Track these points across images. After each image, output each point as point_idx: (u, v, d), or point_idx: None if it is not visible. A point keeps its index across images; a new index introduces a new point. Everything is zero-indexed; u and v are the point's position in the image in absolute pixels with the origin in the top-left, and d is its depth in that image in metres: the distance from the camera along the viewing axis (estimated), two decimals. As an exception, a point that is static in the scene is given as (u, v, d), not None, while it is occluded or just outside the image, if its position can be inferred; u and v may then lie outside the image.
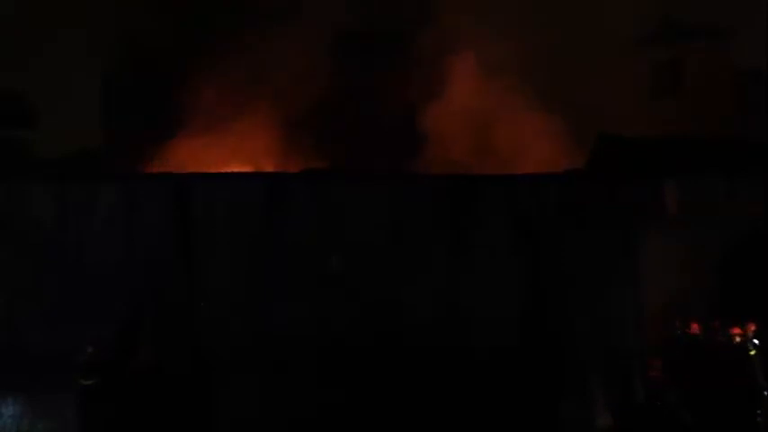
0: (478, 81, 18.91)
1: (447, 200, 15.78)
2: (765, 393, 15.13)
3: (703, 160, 18.12)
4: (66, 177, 15.56)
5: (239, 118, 18.12)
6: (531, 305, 15.77)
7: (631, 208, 16.35)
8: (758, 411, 15.11)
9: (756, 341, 15.54)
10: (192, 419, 14.47)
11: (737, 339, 15.54)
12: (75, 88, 18.23)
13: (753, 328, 15.72)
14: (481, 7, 18.82)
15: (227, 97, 17.89)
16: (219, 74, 17.81)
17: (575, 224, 16.02)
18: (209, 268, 15.06)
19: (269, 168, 17.16)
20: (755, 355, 15.43)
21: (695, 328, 16.07)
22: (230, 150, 18.05)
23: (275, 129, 18.34)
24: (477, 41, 18.78)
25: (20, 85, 18.05)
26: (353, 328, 15.06)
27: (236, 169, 17.06)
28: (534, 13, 18.67)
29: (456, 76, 18.98)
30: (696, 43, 21.27)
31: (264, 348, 14.86)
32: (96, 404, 14.12)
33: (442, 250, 15.58)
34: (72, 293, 14.78)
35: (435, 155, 18.50)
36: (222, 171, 16.56)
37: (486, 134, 18.73)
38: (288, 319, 15.05)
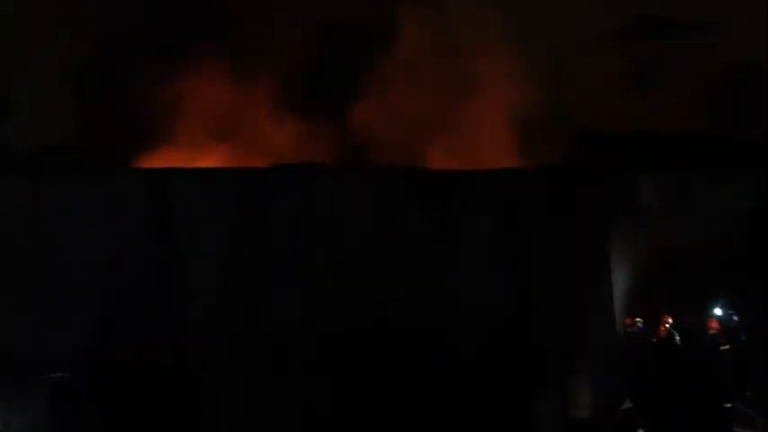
0: (453, 76, 18.94)
1: (430, 194, 15.80)
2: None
3: (680, 156, 18.34)
4: (44, 174, 15.32)
5: (219, 112, 17.98)
6: (513, 299, 15.86)
7: (609, 202, 16.51)
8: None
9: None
10: (174, 417, 14.33)
11: (663, 332, 15.87)
12: (51, 83, 17.99)
13: (668, 320, 16.07)
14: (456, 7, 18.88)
15: (207, 91, 17.73)
16: (199, 67, 17.63)
17: (555, 218, 16.15)
18: (190, 265, 14.93)
19: (250, 163, 17.02)
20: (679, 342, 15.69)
21: (665, 320, 16.35)
22: (211, 146, 17.90)
23: (257, 122, 18.23)
24: (450, 34, 18.83)
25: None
26: (339, 324, 15.00)
27: (216, 165, 16.92)
28: (510, 12, 18.74)
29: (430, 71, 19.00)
30: (673, 40, 21.47)
31: (250, 345, 14.74)
32: (71, 402, 13.93)
33: (426, 244, 15.59)
34: (49, 290, 14.57)
35: (409, 151, 18.51)
36: (203, 167, 16.41)
37: (460, 132, 18.76)
38: (272, 315, 14.95)
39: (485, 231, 15.92)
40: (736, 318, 16.62)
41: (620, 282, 16.60)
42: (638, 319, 16.65)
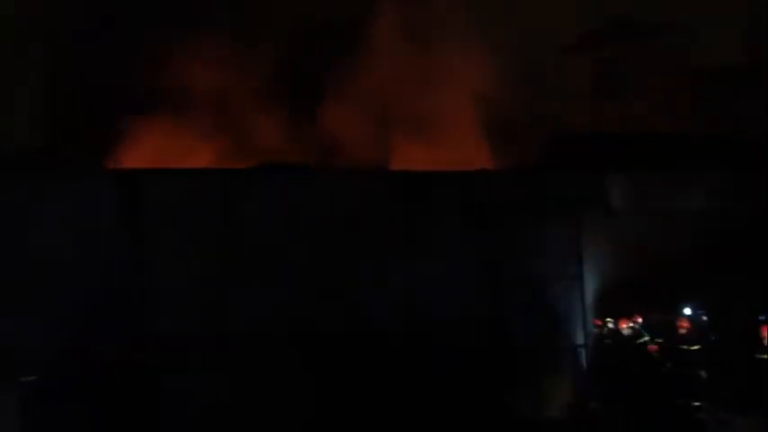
0: (422, 76, 18.99)
1: (401, 195, 15.85)
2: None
3: (650, 157, 18.49)
4: (13, 173, 15.24)
5: (192, 112, 17.94)
6: (484, 300, 15.93)
7: (578, 202, 16.62)
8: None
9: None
10: (144, 417, 14.31)
11: (626, 331, 16.01)
12: (20, 82, 17.88)
13: (637, 320, 16.19)
14: (424, 3, 18.91)
15: (179, 91, 17.69)
16: (170, 66, 17.60)
17: (525, 218, 16.23)
18: (163, 265, 14.88)
19: (223, 164, 17.01)
20: (643, 342, 15.78)
21: (635, 320, 16.48)
22: (183, 146, 17.86)
23: (229, 123, 18.21)
24: (420, 38, 18.88)
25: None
26: (311, 323, 15.01)
27: (189, 165, 16.89)
28: (481, 13, 18.82)
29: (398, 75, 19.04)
30: (644, 42, 21.62)
31: (222, 345, 14.74)
32: (42, 402, 13.87)
33: (398, 245, 15.64)
34: (20, 291, 14.48)
35: (381, 152, 18.57)
36: (176, 167, 16.38)
37: (432, 133, 18.83)
38: (244, 315, 14.95)
39: (456, 232, 16.00)
40: (705, 318, 16.79)
41: (590, 282, 16.71)
42: (608, 319, 16.79)
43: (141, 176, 15.18)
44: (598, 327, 16.71)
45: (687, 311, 16.73)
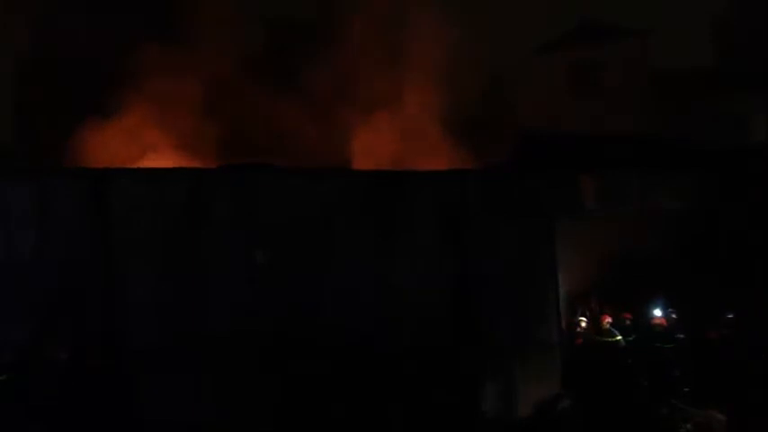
0: (395, 78, 18.92)
1: (373, 195, 15.75)
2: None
3: (619, 157, 18.53)
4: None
5: (158, 111, 17.74)
6: (456, 299, 15.86)
7: (550, 201, 16.61)
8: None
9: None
10: (109, 420, 14.10)
11: (605, 327, 16.07)
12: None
13: (608, 318, 16.24)
14: (397, 6, 18.86)
15: (146, 90, 17.50)
16: (138, 65, 17.40)
17: (497, 218, 16.19)
18: (128, 267, 14.67)
19: (190, 163, 16.81)
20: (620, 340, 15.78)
21: (605, 319, 16.52)
22: (149, 145, 17.66)
23: (197, 122, 18.02)
24: (393, 39, 18.81)
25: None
26: (280, 326, 14.87)
27: (155, 164, 16.69)
28: (454, 15, 18.78)
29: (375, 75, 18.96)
30: (614, 43, 21.72)
31: (189, 347, 14.55)
32: (6, 402, 13.63)
33: (369, 245, 15.53)
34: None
35: (360, 151, 18.47)
36: (142, 167, 16.17)
37: (410, 133, 18.76)
38: (212, 317, 14.77)
39: (429, 232, 15.90)
40: (675, 316, 16.84)
41: (562, 281, 16.69)
42: (580, 318, 16.79)
43: (106, 175, 14.97)
44: (571, 327, 16.72)
45: (657, 311, 16.80)
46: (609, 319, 16.46)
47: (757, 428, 15.03)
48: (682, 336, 16.47)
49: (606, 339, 16.14)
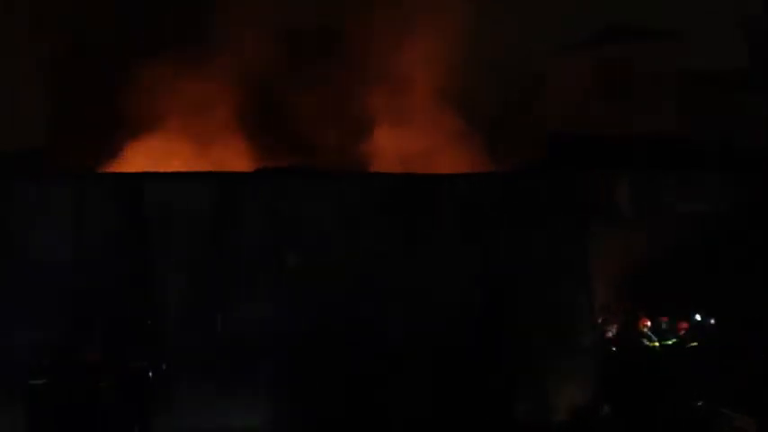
0: (425, 76, 18.93)
1: (399, 198, 15.79)
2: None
3: (651, 159, 18.45)
4: (14, 176, 15.21)
5: (191, 116, 17.91)
6: (484, 303, 15.83)
7: (582, 205, 16.54)
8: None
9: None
10: (145, 422, 14.25)
11: (643, 331, 15.93)
12: (21, 84, 17.85)
13: (646, 322, 16.10)
14: (425, 7, 18.87)
15: (180, 94, 17.66)
16: (171, 70, 17.55)
17: (525, 222, 16.15)
18: (162, 270, 14.84)
19: (223, 167, 16.98)
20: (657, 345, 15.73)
21: (643, 322, 16.38)
22: (183, 149, 17.83)
23: (229, 127, 18.18)
24: (422, 38, 18.82)
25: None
26: (310, 328, 14.94)
27: (188, 168, 16.84)
28: (481, 16, 18.78)
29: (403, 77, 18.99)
30: (643, 44, 21.65)
31: (222, 350, 14.68)
32: (45, 405, 13.81)
33: (396, 248, 15.55)
34: (20, 294, 14.40)
35: (386, 154, 18.53)
36: (175, 171, 16.32)
37: (435, 133, 18.78)
38: (244, 320, 14.87)
39: (458, 234, 15.87)
40: (712, 321, 16.68)
41: (595, 284, 16.57)
42: (615, 323, 16.64)
43: (140, 179, 15.14)
44: (606, 330, 16.58)
45: (695, 315, 16.62)
46: (647, 323, 16.32)
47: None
48: (717, 339, 16.34)
49: (645, 343, 16.00)
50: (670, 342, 16.24)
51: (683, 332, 16.41)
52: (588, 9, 20.46)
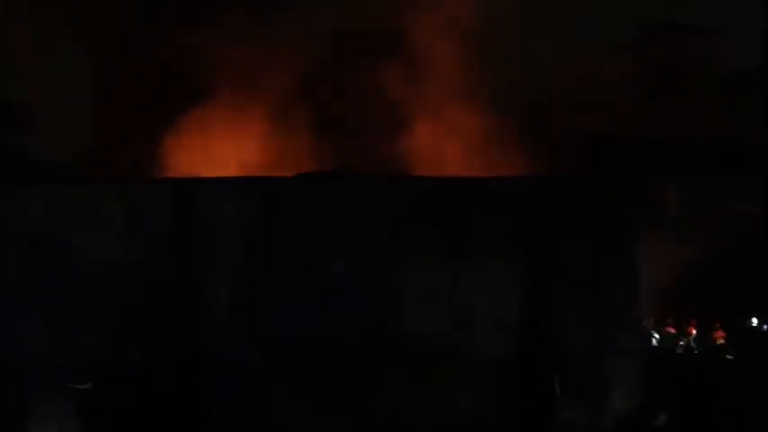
0: (473, 81, 18.92)
1: (443, 201, 15.78)
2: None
3: (698, 160, 18.18)
4: (65, 182, 15.48)
5: (237, 121, 18.11)
6: (529, 307, 15.76)
7: (628, 208, 16.36)
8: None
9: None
10: (188, 424, 14.46)
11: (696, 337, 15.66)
12: (73, 92, 18.13)
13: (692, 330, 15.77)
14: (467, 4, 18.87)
15: (226, 101, 17.87)
16: (218, 77, 17.77)
17: (570, 225, 16.05)
18: (208, 272, 15.01)
19: (266, 172, 17.14)
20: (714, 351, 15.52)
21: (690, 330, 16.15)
22: (229, 154, 18.02)
23: (273, 132, 18.34)
24: (470, 36, 18.81)
25: (16, 90, 17.95)
26: (354, 334, 15.01)
27: (234, 173, 17.04)
28: (530, 16, 18.72)
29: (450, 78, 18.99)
30: (690, 44, 21.38)
31: (265, 353, 14.84)
32: (93, 408, 14.07)
33: (439, 252, 15.53)
34: (69, 298, 14.69)
35: (427, 159, 18.56)
36: (221, 176, 16.52)
37: (479, 135, 18.77)
38: (287, 323, 15.02)
39: (505, 237, 15.74)
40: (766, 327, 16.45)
41: (646, 288, 16.35)
42: (670, 329, 16.43)
43: (189, 184, 15.35)
44: (661, 335, 16.37)
45: (752, 320, 16.35)
46: (695, 330, 16.09)
47: None
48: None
49: (701, 350, 15.78)
50: (725, 349, 15.99)
51: (732, 338, 16.15)
52: (634, 9, 20.31)
